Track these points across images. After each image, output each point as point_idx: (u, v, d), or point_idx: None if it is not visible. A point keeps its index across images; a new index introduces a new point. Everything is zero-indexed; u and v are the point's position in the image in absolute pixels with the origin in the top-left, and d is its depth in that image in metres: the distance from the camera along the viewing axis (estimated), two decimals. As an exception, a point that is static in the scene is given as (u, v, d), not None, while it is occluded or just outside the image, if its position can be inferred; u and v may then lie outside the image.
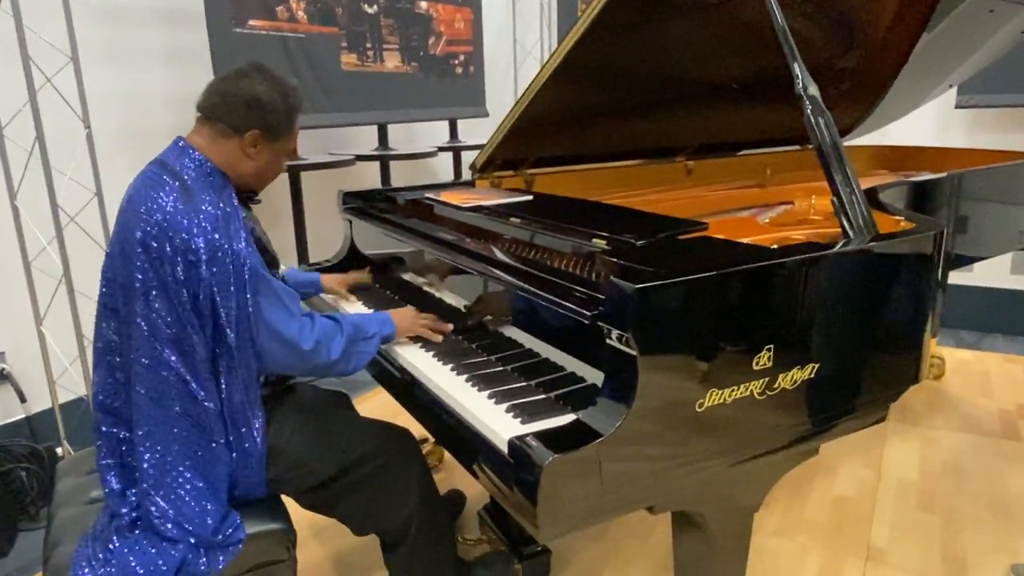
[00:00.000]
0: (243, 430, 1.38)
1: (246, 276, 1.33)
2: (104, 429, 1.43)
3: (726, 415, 1.18)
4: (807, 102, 1.46)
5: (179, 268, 1.29)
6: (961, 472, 2.48)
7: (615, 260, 1.21)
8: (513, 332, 1.47)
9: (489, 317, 1.56)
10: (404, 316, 1.63)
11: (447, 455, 2.61)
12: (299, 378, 1.69)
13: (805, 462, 1.42)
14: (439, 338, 1.61)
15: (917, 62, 2.34)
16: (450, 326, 1.64)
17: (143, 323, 1.31)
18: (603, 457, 1.07)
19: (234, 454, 1.39)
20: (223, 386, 1.35)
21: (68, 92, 2.33)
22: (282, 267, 1.65)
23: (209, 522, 1.34)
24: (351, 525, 1.57)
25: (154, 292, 1.30)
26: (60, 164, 2.34)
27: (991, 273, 3.79)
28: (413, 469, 1.57)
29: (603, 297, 1.17)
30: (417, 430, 1.65)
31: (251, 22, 2.85)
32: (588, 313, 1.17)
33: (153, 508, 1.34)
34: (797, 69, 1.47)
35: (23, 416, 2.58)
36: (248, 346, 1.35)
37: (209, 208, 1.34)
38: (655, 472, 1.15)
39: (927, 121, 3.69)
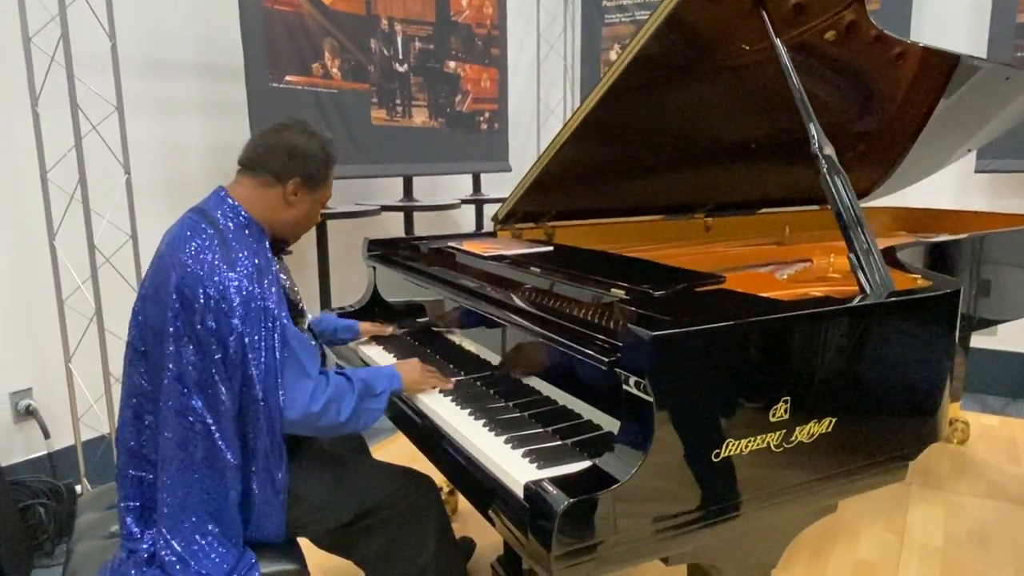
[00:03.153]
0: (265, 480, 1.39)
1: (276, 332, 1.35)
2: (130, 472, 1.45)
3: (743, 466, 1.18)
4: (823, 161, 1.50)
5: (210, 318, 1.32)
6: (987, 539, 2.41)
7: (633, 308, 1.24)
8: (531, 379, 1.49)
9: (508, 364, 1.58)
10: (411, 370, 1.61)
11: (461, 504, 2.59)
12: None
13: (826, 524, 1.41)
14: (446, 387, 1.61)
15: (935, 127, 2.38)
16: (451, 383, 1.63)
17: (173, 368, 1.33)
18: (618, 503, 1.08)
19: (254, 503, 1.40)
20: (250, 437, 1.37)
21: (111, 139, 2.44)
22: (309, 315, 1.68)
23: (224, 567, 1.35)
24: (367, 569, 1.56)
25: (185, 339, 1.33)
26: (99, 207, 2.43)
27: (1017, 338, 3.74)
28: (432, 516, 1.57)
29: (621, 344, 1.19)
30: (436, 477, 1.65)
31: (287, 78, 2.98)
32: (606, 360, 1.19)
33: (167, 552, 1.35)
34: (813, 130, 1.51)
35: (45, 452, 2.62)
36: (275, 399, 1.36)
37: (245, 261, 1.37)
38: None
39: (947, 185, 3.71)
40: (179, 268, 1.34)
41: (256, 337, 1.34)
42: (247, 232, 1.44)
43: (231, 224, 1.43)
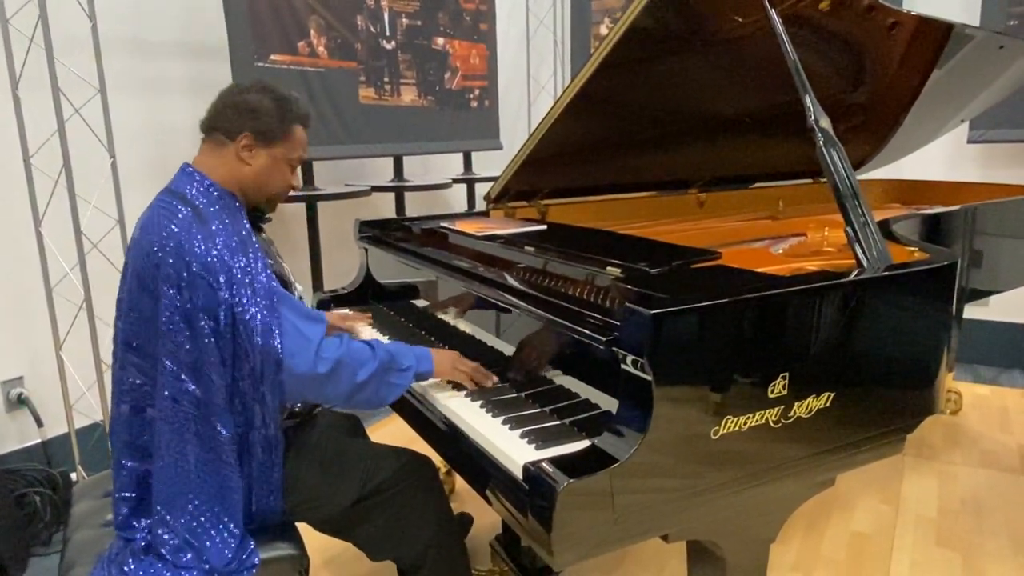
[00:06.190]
0: (262, 459, 1.38)
1: (269, 299, 1.33)
2: (124, 463, 1.43)
3: (742, 443, 1.18)
4: (819, 134, 1.49)
5: (199, 293, 1.29)
6: (980, 508, 2.44)
7: (630, 287, 1.22)
8: (527, 360, 1.48)
9: (504, 345, 1.57)
10: (444, 358, 1.52)
11: (459, 484, 2.59)
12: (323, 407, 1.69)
13: (822, 497, 1.41)
14: (483, 384, 1.50)
15: (928, 98, 2.36)
16: (494, 378, 1.52)
17: (166, 358, 1.31)
18: (618, 483, 1.07)
19: (251, 483, 1.39)
20: (241, 415, 1.35)
21: (95, 122, 2.39)
22: (299, 288, 1.65)
23: (227, 553, 1.34)
24: (368, 550, 1.56)
25: (177, 319, 1.30)
26: (85, 192, 2.39)
27: (1008, 308, 3.76)
28: (432, 497, 1.56)
29: (617, 323, 1.18)
30: (433, 457, 1.65)
31: (273, 56, 2.92)
32: (603, 339, 1.18)
33: (168, 534, 1.34)
34: (809, 102, 1.49)
35: (39, 441, 2.60)
36: (272, 372, 1.33)
37: (224, 234, 1.34)
38: (670, 499, 1.14)
39: (939, 156, 3.70)
40: (159, 251, 1.31)
41: (246, 307, 1.30)
42: (221, 202, 1.41)
43: (203, 199, 1.39)
